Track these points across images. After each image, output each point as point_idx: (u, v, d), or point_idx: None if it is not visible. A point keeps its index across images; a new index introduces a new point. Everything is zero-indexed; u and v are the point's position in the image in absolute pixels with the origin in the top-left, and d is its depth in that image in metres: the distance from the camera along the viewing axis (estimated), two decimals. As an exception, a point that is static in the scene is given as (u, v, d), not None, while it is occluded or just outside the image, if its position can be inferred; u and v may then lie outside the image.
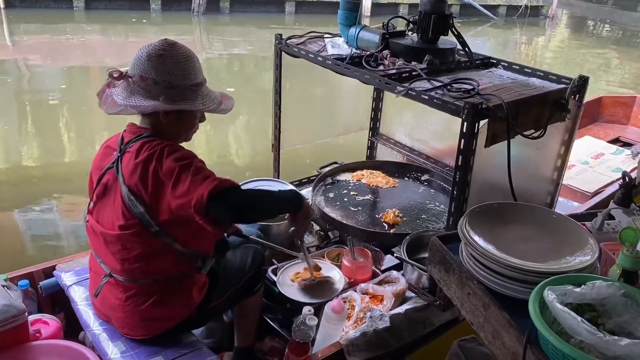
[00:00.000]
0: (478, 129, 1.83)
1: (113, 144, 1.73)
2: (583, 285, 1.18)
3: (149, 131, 1.66)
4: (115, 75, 1.62)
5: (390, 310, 1.98)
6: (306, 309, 1.81)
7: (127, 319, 1.72)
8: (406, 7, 12.36)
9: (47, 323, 1.91)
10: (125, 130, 1.72)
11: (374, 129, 3.27)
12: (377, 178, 2.88)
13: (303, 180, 3.09)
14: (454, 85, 2.01)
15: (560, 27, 14.65)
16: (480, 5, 13.18)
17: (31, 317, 1.87)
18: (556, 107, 2.05)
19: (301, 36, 2.64)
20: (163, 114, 1.63)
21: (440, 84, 2.02)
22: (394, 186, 2.84)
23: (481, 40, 11.64)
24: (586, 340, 1.05)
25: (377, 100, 3.19)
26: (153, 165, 1.55)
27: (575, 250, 1.42)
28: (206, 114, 1.76)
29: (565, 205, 3.00)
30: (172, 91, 1.60)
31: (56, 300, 2.14)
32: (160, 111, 1.62)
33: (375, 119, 3.25)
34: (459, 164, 1.88)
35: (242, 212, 1.58)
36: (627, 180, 1.89)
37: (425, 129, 3.03)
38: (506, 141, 1.89)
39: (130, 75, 1.62)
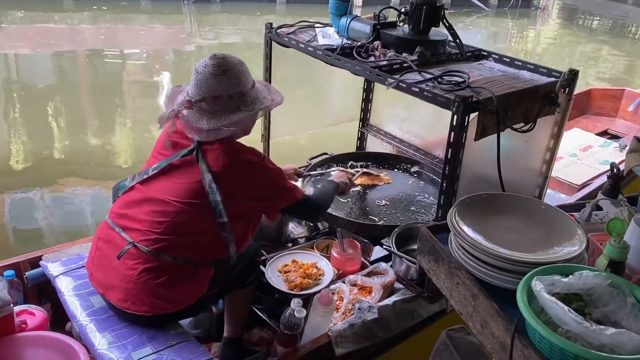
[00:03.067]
0: (468, 122, 1.82)
1: (180, 139, 1.77)
2: (570, 276, 1.18)
3: None
4: (186, 105, 1.68)
5: (379, 302, 1.98)
6: (295, 301, 1.81)
7: (134, 291, 1.69)
8: (398, -2, 12.31)
9: (33, 314, 1.89)
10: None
11: (364, 120, 3.26)
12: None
13: (293, 171, 3.08)
14: (444, 77, 2.00)
15: (551, 19, 14.70)
16: (472, -4, 13.18)
17: (17, 308, 1.85)
18: (546, 100, 2.05)
19: (292, 25, 2.61)
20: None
21: (431, 76, 2.01)
22: (388, 182, 2.77)
23: (473, 31, 11.64)
24: (573, 329, 1.06)
25: (368, 91, 3.18)
26: (254, 172, 1.74)
27: (563, 240, 1.43)
28: None
29: (553, 198, 3.02)
30: (244, 98, 1.71)
31: (42, 291, 2.12)
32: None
33: (365, 110, 3.24)
34: (449, 157, 1.87)
35: (312, 217, 2.29)
36: (615, 171, 1.90)
37: (416, 120, 3.03)
38: (496, 134, 1.89)
39: (199, 99, 1.68)
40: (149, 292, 1.69)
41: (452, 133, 1.83)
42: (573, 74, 2.10)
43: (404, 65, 2.14)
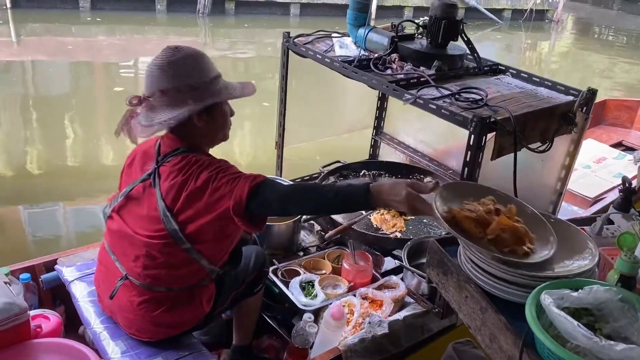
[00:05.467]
0: (485, 141, 1.80)
1: (151, 149, 1.70)
2: (580, 290, 1.17)
3: (184, 144, 1.64)
4: (134, 101, 1.59)
5: (389, 316, 1.97)
6: (307, 316, 1.83)
7: (136, 322, 1.71)
8: (411, 10, 12.31)
9: (48, 318, 1.93)
10: (162, 138, 1.69)
11: (378, 128, 3.25)
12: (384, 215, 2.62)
13: (305, 178, 3.09)
14: (462, 94, 1.98)
15: (566, 31, 14.61)
16: (485, 9, 13.14)
17: (32, 312, 1.88)
18: (564, 120, 2.01)
19: (309, 35, 2.61)
20: (197, 117, 1.59)
21: (449, 92, 1.99)
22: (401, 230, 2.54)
23: (486, 44, 11.61)
24: (582, 344, 1.05)
25: (382, 99, 3.16)
26: (189, 184, 1.56)
27: (574, 254, 1.42)
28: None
29: (565, 210, 2.99)
30: (196, 92, 1.57)
31: (57, 294, 2.16)
32: (194, 115, 1.58)
33: (379, 117, 3.22)
34: (465, 176, 1.85)
35: (283, 204, 1.53)
36: (627, 185, 1.89)
37: (430, 130, 2.99)
38: (512, 154, 1.86)
39: (148, 95, 1.58)
40: (149, 322, 1.70)
41: (469, 152, 1.81)
42: (591, 93, 2.05)
43: (422, 79, 2.11)
